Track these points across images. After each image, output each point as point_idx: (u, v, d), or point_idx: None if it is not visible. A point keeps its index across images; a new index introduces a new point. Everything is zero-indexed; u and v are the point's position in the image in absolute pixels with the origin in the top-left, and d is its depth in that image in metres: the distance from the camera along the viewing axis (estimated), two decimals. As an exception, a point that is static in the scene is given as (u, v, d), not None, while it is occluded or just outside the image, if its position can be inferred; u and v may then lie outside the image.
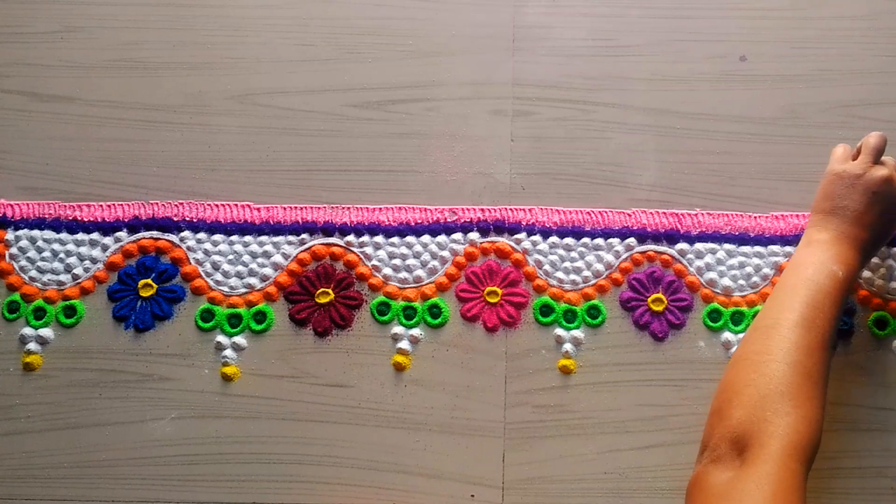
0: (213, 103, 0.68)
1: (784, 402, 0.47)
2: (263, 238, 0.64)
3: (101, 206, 0.65)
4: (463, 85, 0.68)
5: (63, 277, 0.63)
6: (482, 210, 0.65)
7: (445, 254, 0.64)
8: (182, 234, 0.64)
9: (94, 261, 0.63)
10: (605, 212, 0.65)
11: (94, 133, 0.67)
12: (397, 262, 0.64)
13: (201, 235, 0.64)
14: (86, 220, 0.64)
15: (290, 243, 0.64)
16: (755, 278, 0.63)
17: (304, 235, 0.64)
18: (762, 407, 0.47)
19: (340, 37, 0.70)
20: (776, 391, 0.48)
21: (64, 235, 0.64)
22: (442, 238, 0.64)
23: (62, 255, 0.63)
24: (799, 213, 0.64)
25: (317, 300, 0.63)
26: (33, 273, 0.63)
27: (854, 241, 0.55)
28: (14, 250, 0.64)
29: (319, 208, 0.65)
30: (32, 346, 0.61)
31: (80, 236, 0.64)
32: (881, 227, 0.56)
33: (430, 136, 0.67)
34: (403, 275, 0.63)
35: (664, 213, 0.65)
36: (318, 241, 0.64)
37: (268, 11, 0.70)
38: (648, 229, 0.64)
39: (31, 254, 0.63)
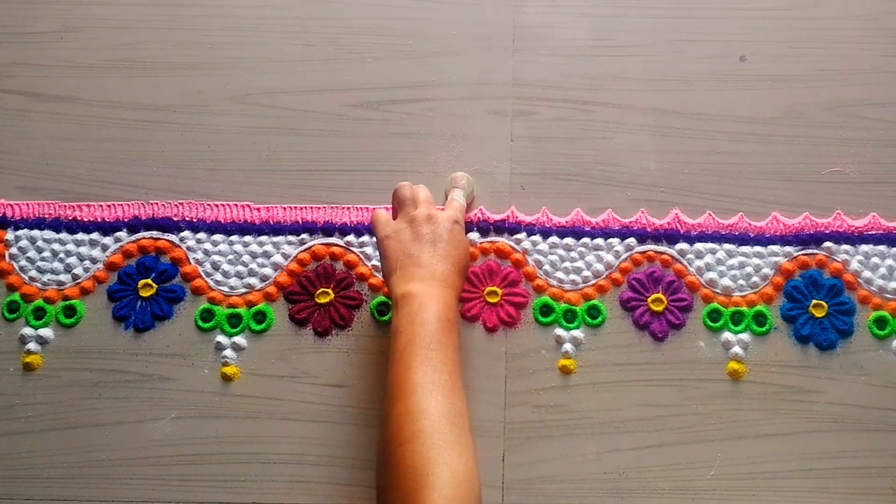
0: (213, 103, 0.68)
1: (416, 479, 0.44)
2: (263, 238, 0.64)
3: (101, 206, 0.65)
4: (463, 85, 0.68)
5: (63, 277, 0.63)
6: (482, 210, 0.65)
7: (445, 254, 0.64)
8: (182, 234, 0.64)
9: (93, 261, 0.63)
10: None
11: (94, 133, 0.67)
12: (397, 262, 0.64)
13: (201, 235, 0.64)
14: (86, 220, 0.64)
15: (289, 243, 0.64)
16: (755, 278, 0.63)
17: (303, 235, 0.64)
18: (403, 495, 0.44)
19: (340, 37, 0.70)
20: (408, 472, 0.45)
21: (64, 235, 0.64)
22: (442, 238, 0.64)
23: (62, 255, 0.63)
24: (799, 214, 0.64)
25: (317, 300, 0.63)
26: (33, 273, 0.63)
27: (437, 279, 0.53)
28: (14, 250, 0.64)
29: (319, 208, 0.65)
30: (32, 346, 0.61)
31: (80, 236, 0.64)
32: (453, 253, 0.55)
33: (430, 136, 0.67)
34: (403, 275, 0.63)
35: (664, 213, 0.65)
36: (318, 241, 0.64)
37: (268, 11, 0.70)
38: (648, 229, 0.64)
39: (31, 254, 0.63)
